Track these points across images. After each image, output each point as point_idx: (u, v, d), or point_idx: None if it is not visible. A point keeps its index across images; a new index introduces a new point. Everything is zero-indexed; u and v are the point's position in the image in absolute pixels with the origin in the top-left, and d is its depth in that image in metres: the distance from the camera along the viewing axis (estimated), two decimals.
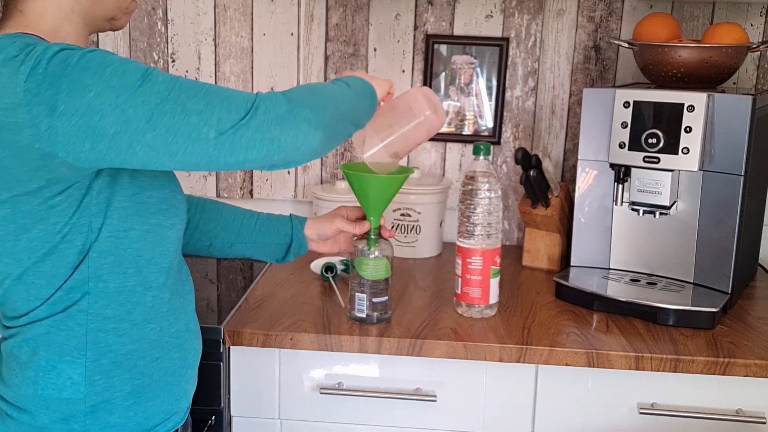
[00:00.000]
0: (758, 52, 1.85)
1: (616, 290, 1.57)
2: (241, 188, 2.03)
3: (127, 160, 0.94)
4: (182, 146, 0.93)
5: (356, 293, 1.45)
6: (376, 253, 1.43)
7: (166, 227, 1.07)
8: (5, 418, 1.05)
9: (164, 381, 1.11)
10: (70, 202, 0.98)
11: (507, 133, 1.96)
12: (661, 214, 1.59)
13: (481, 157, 1.47)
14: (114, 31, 1.13)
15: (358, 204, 1.42)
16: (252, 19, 1.95)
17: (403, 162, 1.99)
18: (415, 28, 1.93)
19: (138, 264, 1.05)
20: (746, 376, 1.36)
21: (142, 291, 1.06)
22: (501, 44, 1.91)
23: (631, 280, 1.63)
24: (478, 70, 1.93)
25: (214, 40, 1.96)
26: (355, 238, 1.42)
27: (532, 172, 1.71)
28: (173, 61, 1.98)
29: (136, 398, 1.07)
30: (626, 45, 1.67)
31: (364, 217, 1.41)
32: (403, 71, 1.95)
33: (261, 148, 0.96)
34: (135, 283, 1.05)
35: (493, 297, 1.50)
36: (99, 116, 0.90)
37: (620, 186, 1.60)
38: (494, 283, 1.49)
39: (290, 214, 1.43)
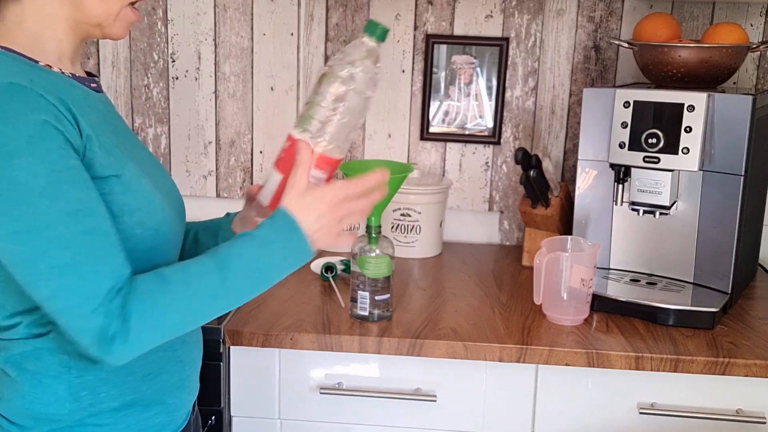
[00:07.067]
0: (758, 52, 1.85)
1: (616, 290, 1.57)
2: (241, 188, 2.03)
3: None
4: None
5: (358, 291, 1.45)
6: (378, 252, 1.43)
7: (144, 250, 1.03)
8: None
9: (158, 395, 1.09)
10: None
11: (507, 133, 1.96)
12: (661, 214, 1.59)
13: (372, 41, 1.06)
14: (110, 39, 1.08)
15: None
16: (252, 19, 1.95)
17: (402, 159, 2.00)
18: (415, 28, 1.93)
19: None
20: (746, 376, 1.36)
21: None
22: (501, 44, 1.91)
23: (631, 280, 1.63)
24: (478, 70, 1.93)
25: (214, 40, 1.96)
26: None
27: (532, 172, 1.71)
28: (173, 61, 1.98)
29: (126, 411, 1.05)
30: (626, 45, 1.67)
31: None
32: (403, 71, 1.95)
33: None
34: None
35: None
36: None
37: (620, 186, 1.60)
38: None
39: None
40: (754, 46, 1.63)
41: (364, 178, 1.07)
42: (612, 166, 1.59)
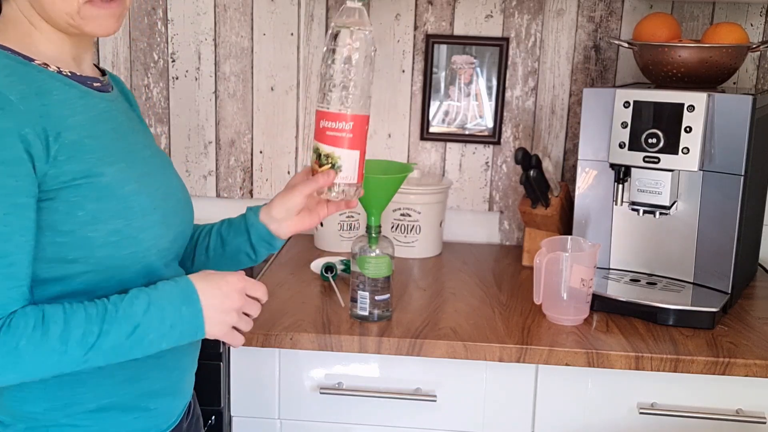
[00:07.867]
0: (758, 52, 1.85)
1: (616, 290, 1.57)
2: (241, 188, 2.03)
3: None
4: None
5: (358, 291, 1.45)
6: (378, 252, 1.43)
7: (119, 257, 1.01)
8: None
9: (138, 400, 1.07)
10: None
11: (507, 133, 1.96)
12: (661, 214, 1.59)
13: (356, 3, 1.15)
14: (98, 36, 1.04)
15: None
16: (252, 19, 1.95)
17: (402, 159, 1.99)
18: (415, 28, 1.93)
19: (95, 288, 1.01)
20: (746, 376, 1.36)
21: None
22: (501, 44, 1.91)
23: (631, 280, 1.63)
24: (478, 70, 1.93)
25: (214, 40, 1.96)
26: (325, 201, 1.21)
27: (532, 172, 1.71)
28: (173, 61, 1.98)
29: (102, 414, 1.04)
30: (626, 45, 1.67)
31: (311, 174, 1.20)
32: (403, 71, 1.95)
33: None
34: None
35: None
36: None
37: (620, 186, 1.60)
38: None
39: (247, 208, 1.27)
40: (754, 46, 1.63)
41: (262, 286, 1.09)
42: (612, 166, 1.59)
